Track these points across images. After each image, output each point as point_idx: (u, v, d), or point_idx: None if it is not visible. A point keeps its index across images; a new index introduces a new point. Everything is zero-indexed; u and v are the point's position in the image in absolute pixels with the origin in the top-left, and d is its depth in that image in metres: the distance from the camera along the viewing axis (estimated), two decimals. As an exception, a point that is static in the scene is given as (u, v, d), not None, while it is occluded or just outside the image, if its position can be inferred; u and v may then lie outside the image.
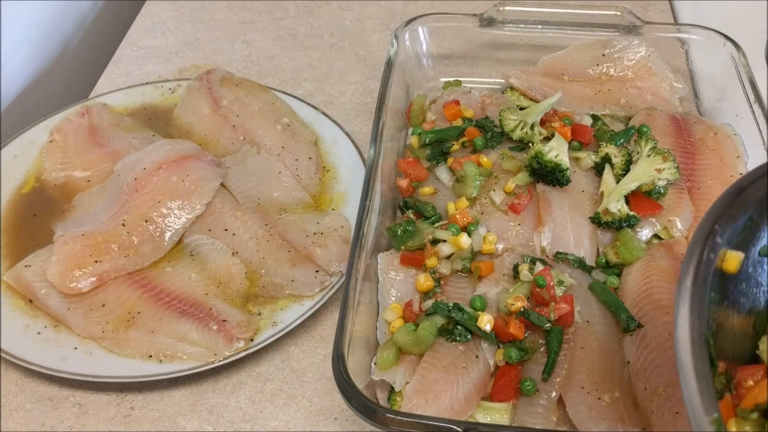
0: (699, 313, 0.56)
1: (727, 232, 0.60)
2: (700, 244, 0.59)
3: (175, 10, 1.47)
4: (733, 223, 0.61)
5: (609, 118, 1.07)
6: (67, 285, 0.90)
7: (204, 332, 0.86)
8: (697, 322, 0.55)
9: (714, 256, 0.59)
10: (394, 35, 1.11)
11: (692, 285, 0.57)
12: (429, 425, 0.67)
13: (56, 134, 1.11)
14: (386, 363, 0.77)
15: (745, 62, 1.05)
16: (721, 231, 0.60)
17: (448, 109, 1.05)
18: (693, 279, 0.57)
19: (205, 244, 0.96)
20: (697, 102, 1.15)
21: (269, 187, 1.03)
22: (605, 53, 1.12)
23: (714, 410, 0.52)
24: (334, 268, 0.93)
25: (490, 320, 0.79)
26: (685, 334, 0.55)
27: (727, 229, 0.60)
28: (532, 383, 0.76)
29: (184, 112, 1.16)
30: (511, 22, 1.15)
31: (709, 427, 0.51)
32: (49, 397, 0.87)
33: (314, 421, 0.84)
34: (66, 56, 1.43)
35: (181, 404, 0.86)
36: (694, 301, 0.56)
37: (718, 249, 0.59)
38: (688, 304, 0.56)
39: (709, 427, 0.51)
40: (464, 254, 0.87)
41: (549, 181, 0.93)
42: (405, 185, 0.96)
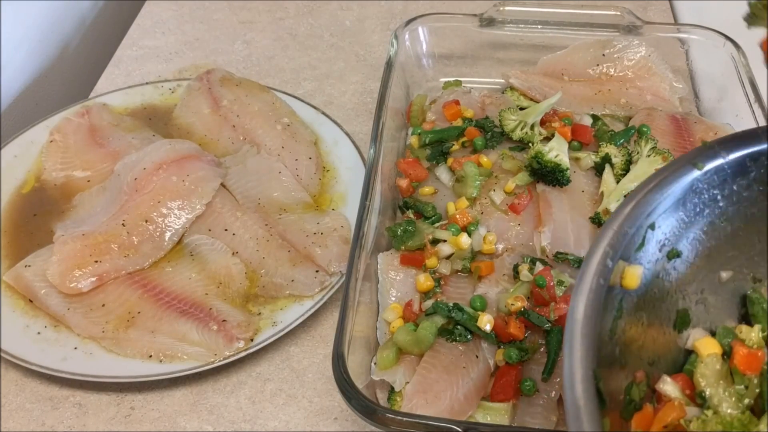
0: (589, 346, 0.54)
1: (619, 251, 0.59)
2: (590, 271, 0.57)
3: (175, 10, 1.47)
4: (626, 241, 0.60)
5: (609, 118, 1.07)
6: (67, 285, 0.90)
7: (204, 332, 0.86)
8: (587, 357, 0.53)
9: (605, 281, 0.57)
10: (394, 35, 1.11)
11: (583, 317, 0.55)
12: (429, 425, 0.67)
13: (56, 134, 1.11)
14: (386, 363, 0.77)
15: (745, 62, 1.05)
16: (612, 253, 0.58)
17: (448, 109, 1.05)
18: (583, 312, 0.55)
19: (205, 244, 0.96)
20: (697, 102, 1.15)
21: (269, 187, 1.03)
22: (605, 53, 1.12)
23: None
24: (334, 268, 0.93)
25: (490, 320, 0.79)
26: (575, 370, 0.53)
27: (619, 248, 0.59)
28: (532, 383, 0.76)
29: (184, 112, 1.16)
30: (511, 22, 1.15)
31: None
32: (49, 397, 0.87)
33: (314, 421, 0.84)
34: (66, 56, 1.43)
35: (181, 404, 0.86)
36: (584, 334, 0.54)
37: (609, 273, 0.58)
38: (579, 337, 0.54)
39: None
40: (464, 254, 0.87)
41: (549, 181, 0.93)
42: (405, 185, 0.96)
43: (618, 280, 0.59)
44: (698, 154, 0.65)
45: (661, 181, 0.63)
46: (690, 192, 0.64)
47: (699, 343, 0.65)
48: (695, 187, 0.64)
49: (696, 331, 0.67)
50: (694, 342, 0.66)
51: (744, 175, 0.65)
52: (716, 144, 0.65)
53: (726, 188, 0.65)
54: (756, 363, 0.62)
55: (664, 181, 0.63)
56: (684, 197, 0.64)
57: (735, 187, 0.65)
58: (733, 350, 0.63)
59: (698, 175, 0.64)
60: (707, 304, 0.68)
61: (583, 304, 0.56)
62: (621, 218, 0.60)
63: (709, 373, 0.63)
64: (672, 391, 0.62)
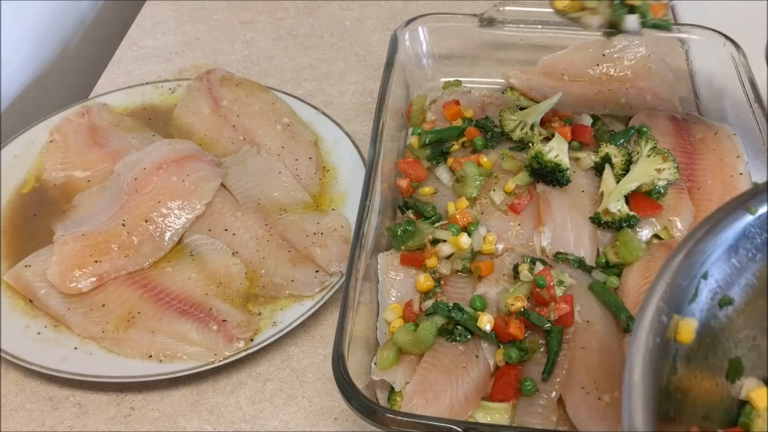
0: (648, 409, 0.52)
1: (674, 305, 0.57)
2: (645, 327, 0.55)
3: (175, 10, 1.47)
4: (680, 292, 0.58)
5: (609, 118, 1.07)
6: (67, 285, 0.90)
7: (204, 332, 0.86)
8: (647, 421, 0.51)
9: (661, 339, 0.55)
10: (394, 35, 1.11)
11: (641, 377, 0.53)
12: (429, 425, 0.67)
13: (56, 134, 1.11)
14: (386, 363, 0.78)
15: (745, 62, 1.05)
16: (667, 309, 0.57)
17: (448, 109, 1.05)
18: (641, 374, 0.53)
19: (205, 244, 0.96)
20: (697, 102, 1.15)
21: (269, 187, 1.03)
22: (605, 53, 1.12)
23: None
24: (334, 268, 0.93)
25: (490, 320, 0.79)
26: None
27: (673, 303, 0.57)
28: (532, 383, 0.76)
29: (184, 112, 1.16)
30: (511, 22, 1.14)
31: None
32: (49, 397, 0.87)
33: (314, 421, 0.84)
34: (66, 56, 1.43)
35: (181, 404, 0.86)
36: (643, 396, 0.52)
37: (665, 330, 0.56)
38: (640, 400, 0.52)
39: None
40: (464, 254, 0.87)
41: (549, 181, 0.93)
42: (405, 185, 0.96)
43: (672, 334, 0.57)
44: (750, 198, 0.63)
45: (713, 227, 0.61)
46: (742, 237, 0.62)
47: (754, 394, 0.63)
48: (747, 232, 0.62)
49: (749, 381, 0.65)
50: (748, 392, 0.63)
51: None
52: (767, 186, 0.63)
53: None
54: None
55: (717, 227, 0.61)
56: (737, 243, 0.62)
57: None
58: None
59: (751, 219, 0.62)
60: (759, 351, 0.66)
61: (640, 366, 0.54)
62: (673, 270, 0.58)
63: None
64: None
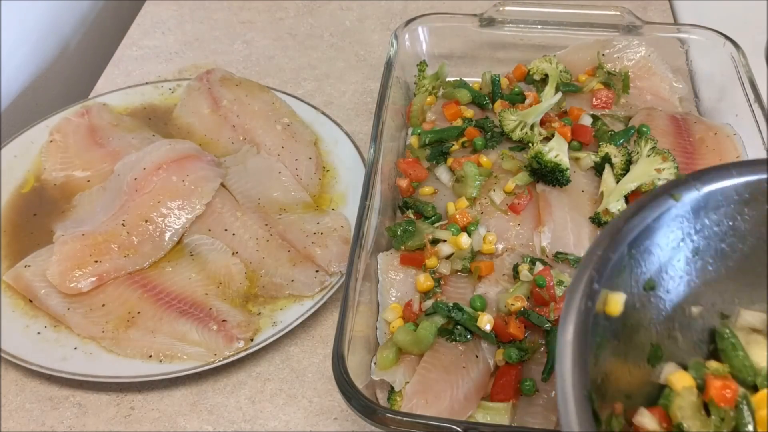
0: (580, 368, 0.54)
1: (604, 276, 0.60)
2: (578, 293, 0.58)
3: (175, 10, 1.47)
4: (610, 266, 0.60)
5: (609, 118, 1.07)
6: (67, 285, 0.90)
7: (204, 332, 0.86)
8: (579, 378, 0.54)
9: (592, 303, 0.58)
10: (394, 35, 1.11)
11: (573, 338, 0.56)
12: (429, 425, 0.67)
13: (56, 134, 1.11)
14: (386, 363, 0.77)
15: (745, 62, 1.05)
16: (597, 276, 0.59)
17: (448, 109, 1.05)
18: (573, 331, 0.56)
19: (205, 244, 0.97)
20: (697, 102, 1.15)
21: (269, 187, 1.03)
22: (605, 53, 1.12)
23: None
24: (334, 268, 0.93)
25: (490, 320, 0.79)
26: (568, 391, 0.53)
27: (604, 273, 0.60)
28: (532, 383, 0.76)
29: (184, 112, 1.16)
30: (511, 22, 1.15)
31: None
32: (49, 397, 0.87)
33: (314, 421, 0.84)
34: (66, 56, 1.43)
35: (181, 404, 0.86)
36: (575, 356, 0.55)
37: (596, 295, 0.58)
38: (570, 359, 0.55)
39: None
40: (464, 254, 0.87)
41: (549, 181, 0.93)
42: (405, 185, 0.96)
43: (602, 307, 0.60)
44: (675, 185, 0.66)
45: (640, 209, 0.64)
46: (668, 223, 0.65)
47: (673, 377, 0.65)
48: (672, 218, 0.65)
49: (669, 366, 0.67)
50: (668, 376, 0.66)
51: (715, 209, 0.67)
52: (691, 177, 0.66)
53: (698, 222, 0.66)
54: (731, 394, 0.62)
55: (644, 209, 0.64)
56: (662, 228, 0.65)
57: (707, 221, 0.67)
58: (708, 383, 0.64)
59: (676, 205, 0.65)
60: (678, 339, 0.69)
61: (572, 325, 0.56)
62: (604, 244, 0.61)
63: (685, 405, 0.63)
64: (650, 423, 0.62)
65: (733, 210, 0.67)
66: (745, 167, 0.68)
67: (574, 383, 0.54)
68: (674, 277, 0.67)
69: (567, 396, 0.53)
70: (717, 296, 0.70)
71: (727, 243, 0.68)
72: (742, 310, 0.71)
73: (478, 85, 1.11)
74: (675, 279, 0.67)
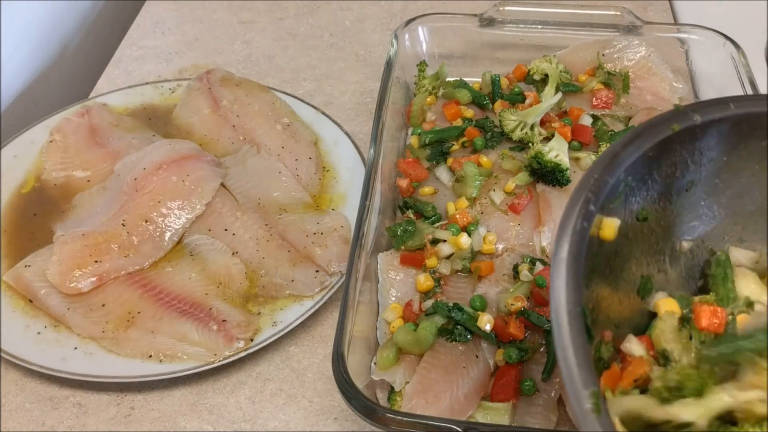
0: (574, 285, 0.55)
1: (600, 199, 0.60)
2: (574, 213, 0.58)
3: (175, 10, 1.47)
4: (606, 190, 0.61)
5: (609, 118, 1.07)
6: (67, 285, 0.90)
7: (204, 332, 0.86)
8: (573, 295, 0.54)
9: (588, 224, 0.58)
10: (394, 35, 1.11)
11: (567, 256, 0.56)
12: (429, 425, 0.67)
13: (56, 134, 1.11)
14: (386, 363, 0.77)
15: (745, 62, 1.05)
16: (594, 199, 0.59)
17: (448, 109, 1.05)
18: (568, 250, 0.56)
19: (205, 244, 0.97)
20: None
21: (269, 187, 1.03)
22: (605, 53, 1.12)
23: (591, 384, 0.51)
24: (334, 268, 0.93)
25: (490, 320, 0.79)
26: (561, 306, 0.54)
27: (600, 196, 0.60)
28: (532, 383, 0.76)
29: (184, 112, 1.16)
30: (511, 22, 1.15)
31: (586, 401, 0.51)
32: (49, 397, 0.87)
33: (314, 421, 0.84)
34: (66, 56, 1.43)
35: (181, 404, 0.86)
36: (569, 273, 0.55)
37: (592, 217, 0.59)
38: (564, 276, 0.55)
39: (587, 400, 0.51)
40: (464, 254, 0.87)
41: (549, 181, 0.93)
42: (405, 185, 0.96)
43: (596, 231, 0.60)
44: (673, 115, 0.65)
45: (638, 136, 0.64)
46: (664, 152, 0.65)
47: (660, 302, 0.66)
48: (669, 148, 0.65)
49: (659, 295, 0.68)
50: (656, 302, 0.67)
51: (711, 143, 0.66)
52: (689, 107, 0.66)
53: (695, 154, 0.67)
54: (721, 320, 0.63)
55: (642, 136, 0.64)
56: (658, 156, 0.64)
57: (702, 154, 0.67)
58: (696, 311, 0.64)
59: (672, 135, 0.65)
60: (668, 273, 0.70)
61: (567, 243, 0.57)
62: (602, 167, 0.61)
63: (667, 329, 0.64)
64: (637, 349, 0.62)
65: (729, 145, 0.67)
66: (744, 100, 0.68)
67: (567, 299, 0.54)
68: (667, 209, 0.67)
69: (560, 311, 0.53)
70: (707, 232, 0.70)
71: (721, 178, 0.68)
72: (731, 248, 0.71)
73: (478, 85, 1.12)
74: (668, 212, 0.67)
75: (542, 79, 1.10)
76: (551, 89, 1.05)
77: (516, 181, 0.93)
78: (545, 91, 1.05)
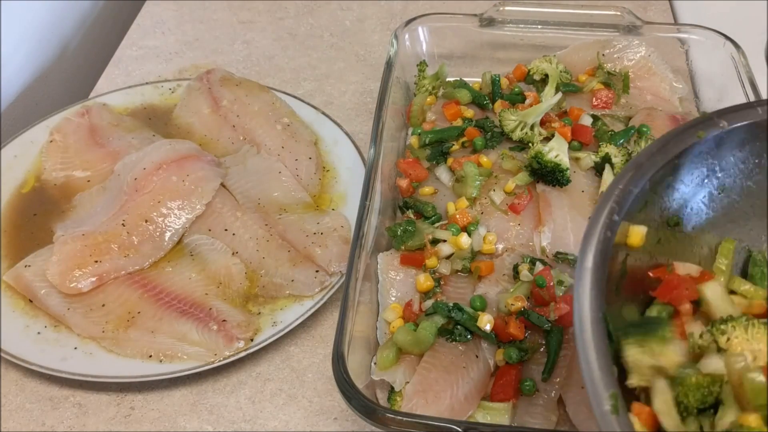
0: (597, 292, 0.57)
1: (625, 208, 0.62)
2: (599, 223, 0.60)
3: (175, 10, 1.47)
4: (631, 199, 0.62)
5: (609, 118, 1.07)
6: (67, 285, 0.90)
7: (204, 332, 0.86)
8: (596, 302, 0.57)
9: (612, 234, 0.60)
10: (394, 35, 1.11)
11: (592, 265, 0.58)
12: (429, 425, 0.67)
13: (56, 134, 1.11)
14: (386, 363, 0.77)
15: (745, 62, 1.05)
16: (618, 209, 0.61)
17: (448, 109, 1.05)
18: (592, 260, 0.59)
19: (205, 244, 0.96)
20: (697, 102, 1.15)
21: (269, 187, 1.03)
22: (605, 53, 1.12)
23: (612, 386, 0.54)
24: (334, 268, 0.93)
25: (490, 320, 0.79)
26: (584, 313, 0.56)
27: (624, 205, 0.62)
28: (532, 383, 0.76)
29: (184, 112, 1.16)
30: (511, 22, 1.15)
31: (606, 403, 0.53)
32: (49, 397, 0.87)
33: (314, 421, 0.84)
34: (66, 56, 1.43)
35: (181, 404, 0.86)
36: (593, 281, 0.58)
37: (616, 227, 0.61)
38: (588, 284, 0.57)
39: (607, 402, 0.53)
40: (464, 254, 0.87)
41: (549, 181, 0.93)
42: (405, 185, 0.96)
43: (623, 238, 0.62)
44: (699, 123, 0.67)
45: (664, 146, 0.65)
46: (691, 160, 0.66)
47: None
48: (696, 155, 0.66)
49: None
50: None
51: (741, 147, 0.67)
52: (715, 114, 0.67)
53: (724, 159, 0.68)
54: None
55: (668, 145, 0.65)
56: (686, 164, 0.66)
57: (732, 158, 0.68)
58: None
59: (699, 143, 0.66)
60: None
61: (592, 253, 0.59)
62: (627, 178, 0.63)
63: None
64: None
65: (759, 147, 0.68)
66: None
67: (591, 306, 0.56)
68: (700, 213, 0.69)
69: (584, 317, 0.56)
70: (742, 233, 0.71)
71: (754, 180, 0.69)
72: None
73: (478, 85, 1.12)
74: (701, 215, 0.69)
75: (542, 79, 1.10)
76: (551, 89, 1.05)
77: (516, 181, 0.93)
78: (545, 91, 1.05)
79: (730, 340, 0.59)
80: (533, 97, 1.06)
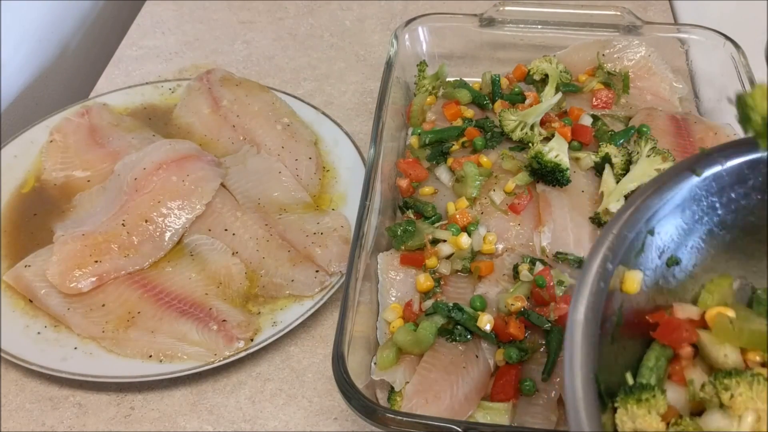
0: (589, 348, 0.54)
1: (619, 255, 0.59)
2: (591, 272, 0.57)
3: (175, 10, 1.47)
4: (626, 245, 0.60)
5: (609, 118, 1.07)
6: (67, 285, 0.90)
7: (204, 332, 0.86)
8: (587, 358, 0.54)
9: (605, 284, 0.57)
10: (394, 35, 1.11)
11: (583, 319, 0.55)
12: (429, 425, 0.67)
13: (56, 134, 1.11)
14: (386, 363, 0.77)
15: (745, 62, 1.05)
16: (612, 257, 0.58)
17: (448, 109, 1.05)
18: (584, 313, 0.56)
19: (205, 244, 0.96)
20: (697, 102, 1.15)
21: (269, 187, 1.03)
22: (605, 53, 1.12)
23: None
24: (334, 268, 0.93)
25: (490, 320, 0.79)
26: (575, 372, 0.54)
27: (619, 252, 0.59)
28: (532, 383, 0.76)
29: (184, 112, 1.16)
30: (511, 22, 1.15)
31: None
32: (49, 397, 0.87)
33: (314, 421, 0.84)
34: (66, 56, 1.43)
35: (181, 404, 0.86)
36: (584, 337, 0.55)
37: (609, 276, 0.58)
38: (579, 340, 0.54)
39: None
40: (464, 254, 0.87)
41: (549, 181, 0.93)
42: (405, 185, 0.96)
43: (618, 284, 0.59)
44: (697, 161, 0.65)
45: (660, 187, 0.63)
46: (689, 199, 0.64)
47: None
48: (694, 194, 0.64)
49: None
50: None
51: (742, 183, 0.66)
52: (714, 151, 0.65)
53: (724, 196, 0.66)
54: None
55: (664, 186, 0.63)
56: (683, 204, 0.64)
57: (733, 194, 0.66)
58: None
59: (697, 181, 0.64)
60: None
61: (583, 306, 0.56)
62: (620, 222, 0.60)
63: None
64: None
65: (762, 182, 0.66)
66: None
67: (582, 363, 0.54)
68: (699, 251, 0.66)
69: (575, 377, 0.53)
70: (746, 270, 0.69)
71: (756, 216, 0.67)
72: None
73: (478, 85, 1.12)
74: (701, 253, 0.67)
75: (542, 79, 1.10)
76: (551, 89, 1.05)
77: (516, 181, 0.93)
78: (545, 91, 1.05)
79: (733, 397, 0.56)
80: (533, 97, 1.06)
